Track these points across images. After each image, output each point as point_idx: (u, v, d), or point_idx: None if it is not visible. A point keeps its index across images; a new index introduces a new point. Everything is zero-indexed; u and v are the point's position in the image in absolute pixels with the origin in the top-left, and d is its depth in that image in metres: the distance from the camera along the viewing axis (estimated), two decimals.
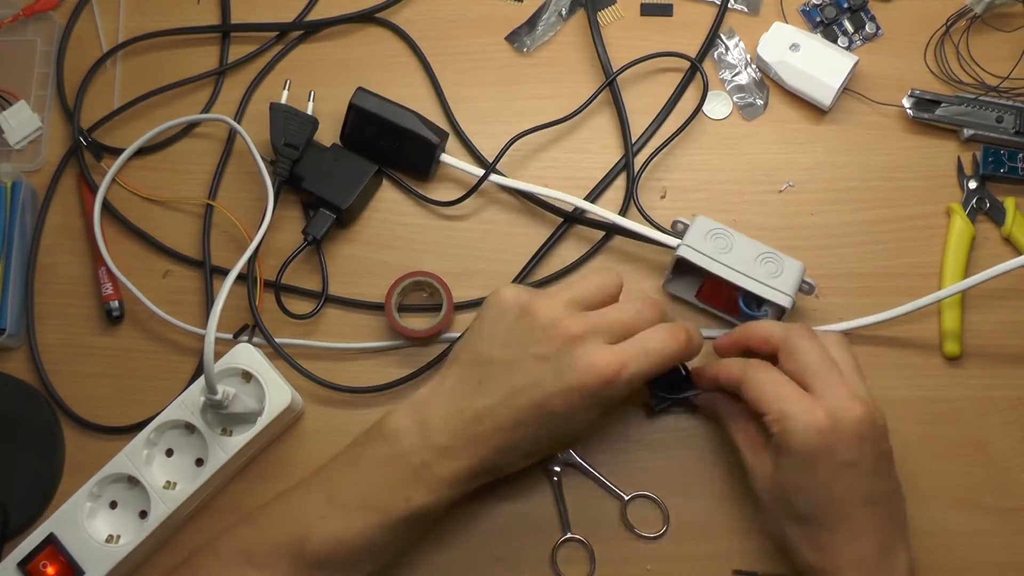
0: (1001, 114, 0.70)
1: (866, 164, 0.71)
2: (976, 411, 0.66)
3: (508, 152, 0.69)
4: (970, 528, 0.64)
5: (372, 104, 0.69)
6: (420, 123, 0.69)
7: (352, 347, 0.68)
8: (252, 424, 0.64)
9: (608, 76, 0.72)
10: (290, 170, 0.69)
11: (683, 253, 0.64)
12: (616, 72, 0.71)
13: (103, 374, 0.69)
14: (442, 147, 0.71)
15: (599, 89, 0.71)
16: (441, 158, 0.71)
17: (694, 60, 0.72)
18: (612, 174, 0.71)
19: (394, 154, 0.71)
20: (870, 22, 0.74)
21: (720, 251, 0.64)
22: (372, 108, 0.69)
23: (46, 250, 0.72)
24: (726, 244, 0.64)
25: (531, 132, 0.70)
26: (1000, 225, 0.69)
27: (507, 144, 0.69)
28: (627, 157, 0.71)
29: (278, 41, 0.76)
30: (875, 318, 0.66)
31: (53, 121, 0.75)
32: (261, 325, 0.67)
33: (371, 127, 0.70)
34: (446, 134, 0.71)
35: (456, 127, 0.73)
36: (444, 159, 0.71)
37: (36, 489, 0.67)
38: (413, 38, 0.75)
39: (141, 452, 0.63)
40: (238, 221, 0.71)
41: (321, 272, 0.70)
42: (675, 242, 0.65)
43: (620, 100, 0.72)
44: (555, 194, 0.69)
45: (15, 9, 0.76)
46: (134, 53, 0.76)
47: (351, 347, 0.68)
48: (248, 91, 0.74)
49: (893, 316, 0.65)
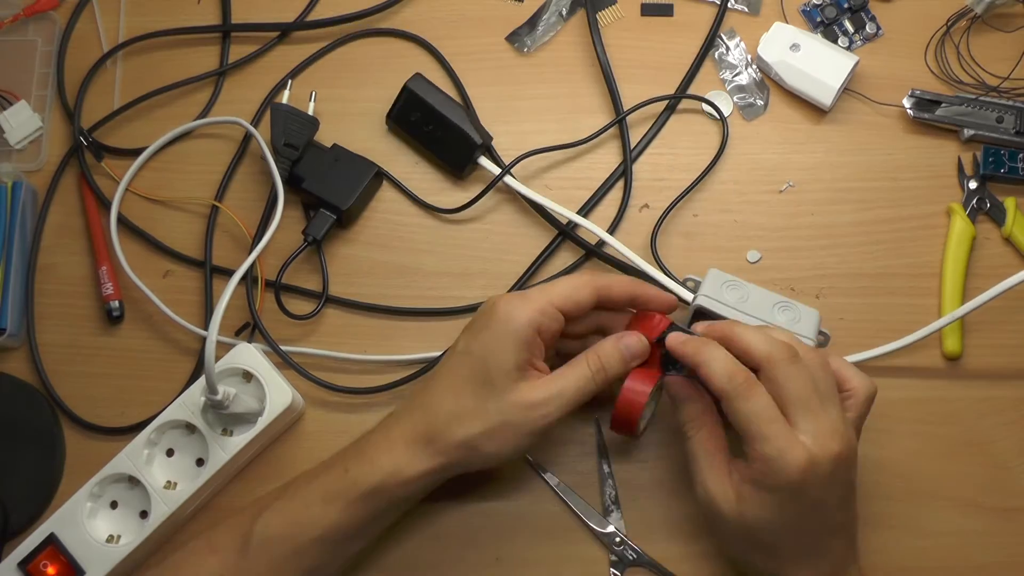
0: (1001, 114, 0.70)
1: (866, 164, 0.71)
2: (976, 411, 0.66)
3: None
4: (970, 528, 0.64)
5: (424, 89, 0.71)
6: (467, 120, 0.70)
7: (354, 358, 0.68)
8: (253, 424, 0.64)
9: (616, 110, 0.72)
10: (290, 170, 0.69)
11: (703, 303, 0.63)
12: (627, 112, 0.72)
13: (103, 374, 0.69)
14: (484, 149, 0.71)
15: (609, 124, 0.71)
16: (479, 160, 0.71)
17: (712, 102, 0.72)
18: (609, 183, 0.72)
19: (436, 143, 0.71)
20: (870, 22, 0.74)
21: (739, 301, 0.63)
22: (423, 94, 0.70)
23: (46, 250, 0.72)
24: (743, 295, 0.64)
25: (541, 152, 0.70)
26: (1000, 225, 0.69)
27: (514, 161, 0.69)
28: (626, 166, 0.71)
29: (279, 41, 0.76)
30: (880, 350, 0.65)
31: (53, 121, 0.75)
32: (260, 326, 0.67)
33: (418, 112, 0.70)
34: (490, 137, 0.71)
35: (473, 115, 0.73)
36: (482, 162, 0.71)
37: (36, 489, 0.67)
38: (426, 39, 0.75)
39: (142, 452, 0.63)
40: (240, 221, 0.71)
41: (321, 272, 0.70)
42: (690, 296, 0.65)
43: (627, 137, 0.72)
44: (571, 216, 0.69)
45: (15, 9, 0.76)
46: (134, 53, 0.76)
47: (353, 358, 0.68)
48: (269, 94, 0.74)
49: (896, 348, 0.65)
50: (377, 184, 0.72)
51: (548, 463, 0.66)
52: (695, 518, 0.64)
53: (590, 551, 0.64)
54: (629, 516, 0.65)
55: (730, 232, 0.70)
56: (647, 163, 0.72)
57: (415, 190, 0.72)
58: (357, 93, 0.74)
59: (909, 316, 0.68)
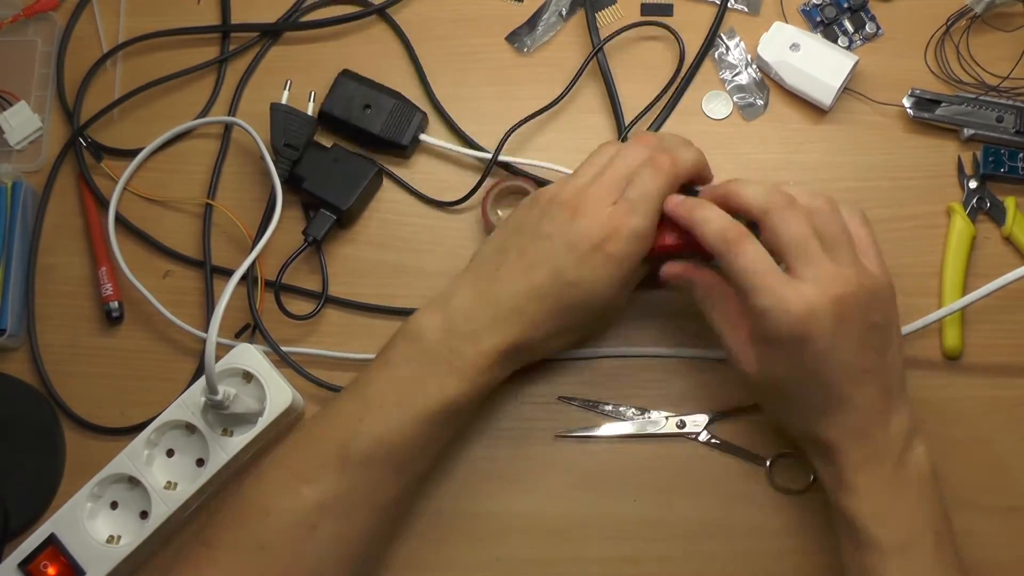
0: (1001, 114, 0.70)
1: (866, 164, 0.71)
2: (976, 411, 0.66)
3: (506, 152, 0.69)
4: (970, 528, 0.64)
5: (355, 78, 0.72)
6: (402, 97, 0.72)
7: (353, 358, 0.68)
8: (253, 424, 0.64)
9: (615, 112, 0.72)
10: (290, 171, 0.69)
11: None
12: (603, 41, 0.72)
13: (103, 374, 0.69)
14: (422, 119, 0.72)
15: (586, 60, 0.71)
16: (421, 137, 0.71)
17: (671, 28, 0.73)
18: None
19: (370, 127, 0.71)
20: (870, 22, 0.74)
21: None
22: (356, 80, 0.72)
23: (46, 250, 0.72)
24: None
25: (527, 120, 0.70)
26: (1000, 225, 0.69)
27: (506, 135, 0.69)
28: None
29: (276, 41, 0.76)
30: None
31: (53, 122, 0.75)
32: (261, 326, 0.67)
33: (354, 97, 0.71)
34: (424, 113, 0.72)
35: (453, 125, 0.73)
36: (424, 138, 0.72)
37: (36, 489, 0.67)
38: (408, 37, 0.75)
39: (142, 452, 0.63)
40: (239, 221, 0.71)
41: (321, 273, 0.70)
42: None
43: (609, 74, 0.72)
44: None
45: (15, 9, 0.76)
46: (134, 53, 0.76)
47: (352, 358, 0.68)
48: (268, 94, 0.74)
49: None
50: (377, 183, 0.72)
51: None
52: None
53: (591, 550, 0.64)
54: None
55: None
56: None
57: (415, 188, 0.72)
58: None
59: (909, 316, 0.67)
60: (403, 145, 0.71)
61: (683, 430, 0.66)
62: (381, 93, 0.72)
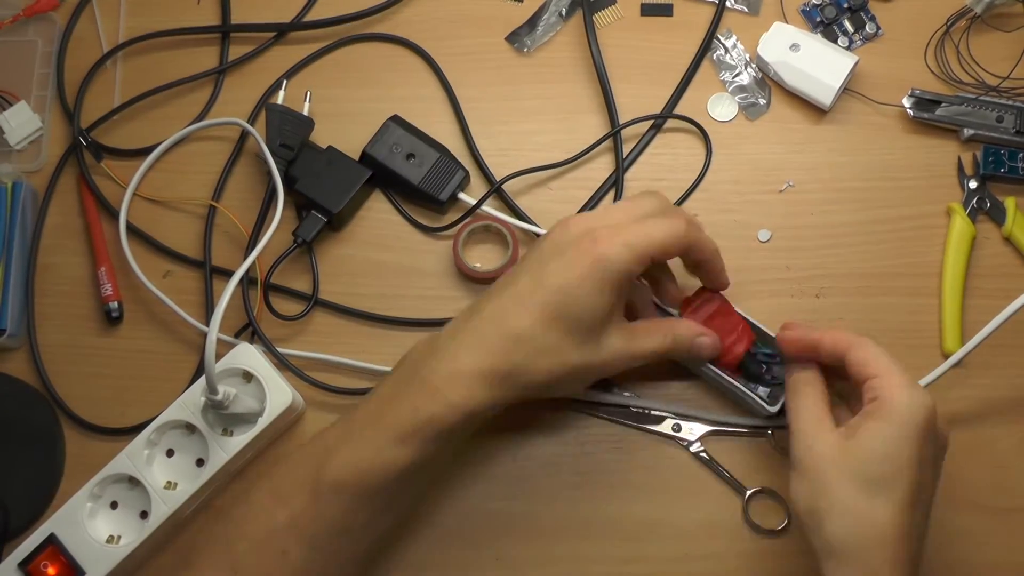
0: (1001, 114, 0.70)
1: (866, 164, 0.71)
2: (976, 411, 0.66)
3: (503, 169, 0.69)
4: (970, 528, 0.64)
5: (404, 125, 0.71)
6: (447, 152, 0.71)
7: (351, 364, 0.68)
8: (253, 424, 0.64)
9: (610, 112, 0.72)
10: (286, 171, 0.69)
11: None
12: (621, 126, 0.71)
13: (103, 374, 0.69)
14: (464, 178, 0.70)
15: (603, 137, 0.71)
16: (459, 195, 0.70)
17: (698, 123, 0.72)
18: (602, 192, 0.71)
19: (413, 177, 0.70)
20: (870, 22, 0.74)
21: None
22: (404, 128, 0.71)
23: (46, 250, 0.72)
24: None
25: (527, 172, 0.70)
26: (1000, 225, 0.69)
27: (499, 183, 0.69)
28: (618, 175, 0.71)
29: (278, 41, 0.76)
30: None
31: (53, 122, 0.75)
32: (256, 327, 0.67)
33: (398, 145, 0.70)
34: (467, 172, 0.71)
35: (465, 130, 0.73)
36: (463, 197, 0.70)
37: (36, 489, 0.67)
38: (408, 37, 0.75)
39: (142, 452, 0.63)
40: (239, 222, 0.71)
41: (312, 274, 0.70)
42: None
43: (620, 148, 0.72)
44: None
45: (15, 9, 0.76)
46: (134, 53, 0.76)
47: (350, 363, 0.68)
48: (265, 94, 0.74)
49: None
50: (369, 189, 0.71)
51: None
52: None
53: (591, 550, 0.64)
54: None
55: (730, 232, 0.70)
56: (647, 163, 0.72)
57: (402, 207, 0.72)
58: (354, 94, 0.74)
59: (909, 316, 0.68)
60: (440, 201, 0.70)
61: (678, 434, 0.66)
62: (427, 145, 0.70)
